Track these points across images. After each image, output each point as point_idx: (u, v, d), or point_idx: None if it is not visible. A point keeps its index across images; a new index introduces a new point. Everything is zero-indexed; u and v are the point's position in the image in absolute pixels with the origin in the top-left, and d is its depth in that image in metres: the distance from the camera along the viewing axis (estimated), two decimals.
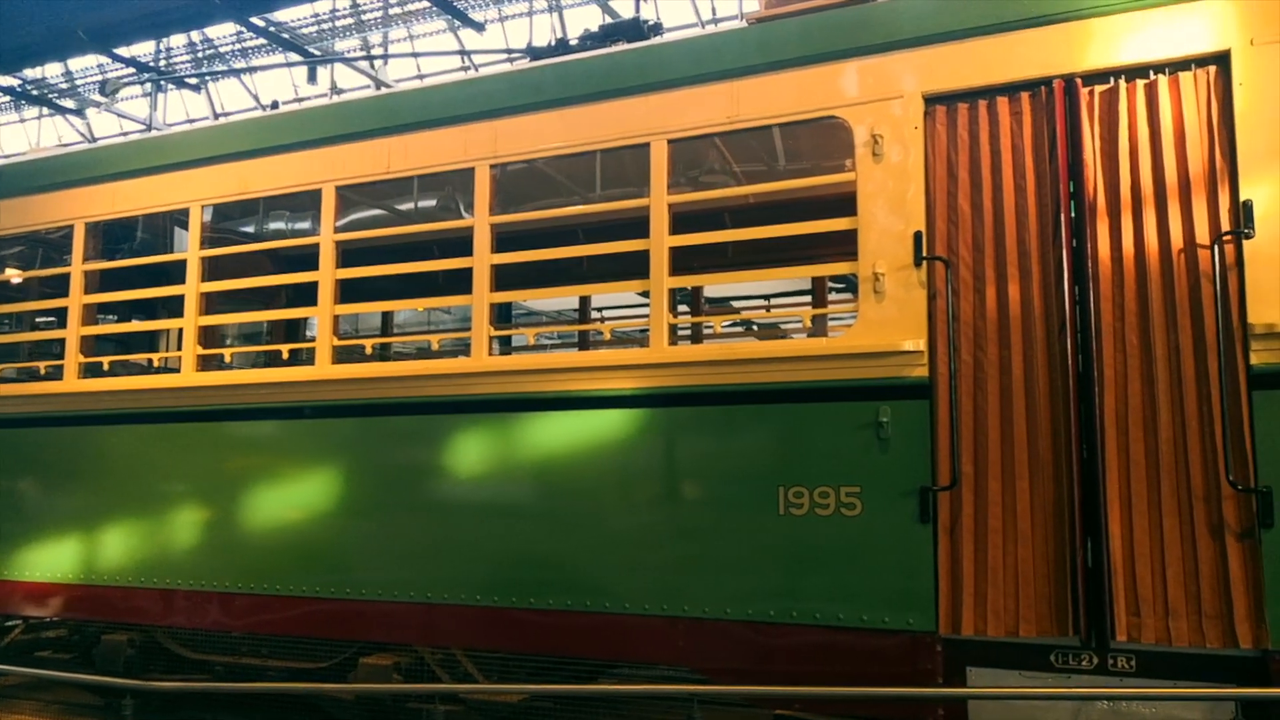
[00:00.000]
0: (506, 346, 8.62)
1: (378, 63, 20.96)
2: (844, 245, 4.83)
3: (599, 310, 11.32)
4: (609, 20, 6.61)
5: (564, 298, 10.78)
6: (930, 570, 4.40)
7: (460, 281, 5.56)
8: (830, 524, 4.58)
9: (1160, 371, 4.18)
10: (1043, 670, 4.28)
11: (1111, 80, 4.42)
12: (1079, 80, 4.44)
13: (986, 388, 4.43)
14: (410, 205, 7.25)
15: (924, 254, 4.55)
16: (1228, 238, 4.11)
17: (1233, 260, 4.10)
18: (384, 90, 16.28)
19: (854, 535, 4.54)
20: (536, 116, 5.51)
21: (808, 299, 8.29)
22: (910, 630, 4.42)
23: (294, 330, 8.44)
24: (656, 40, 5.92)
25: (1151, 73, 4.36)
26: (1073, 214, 4.39)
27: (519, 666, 5.37)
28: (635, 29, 6.10)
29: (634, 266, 5.22)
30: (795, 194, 5.68)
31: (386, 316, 8.92)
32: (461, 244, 5.58)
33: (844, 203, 4.80)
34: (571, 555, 5.13)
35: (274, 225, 7.90)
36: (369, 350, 6.37)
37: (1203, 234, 4.17)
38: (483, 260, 5.47)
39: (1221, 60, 4.22)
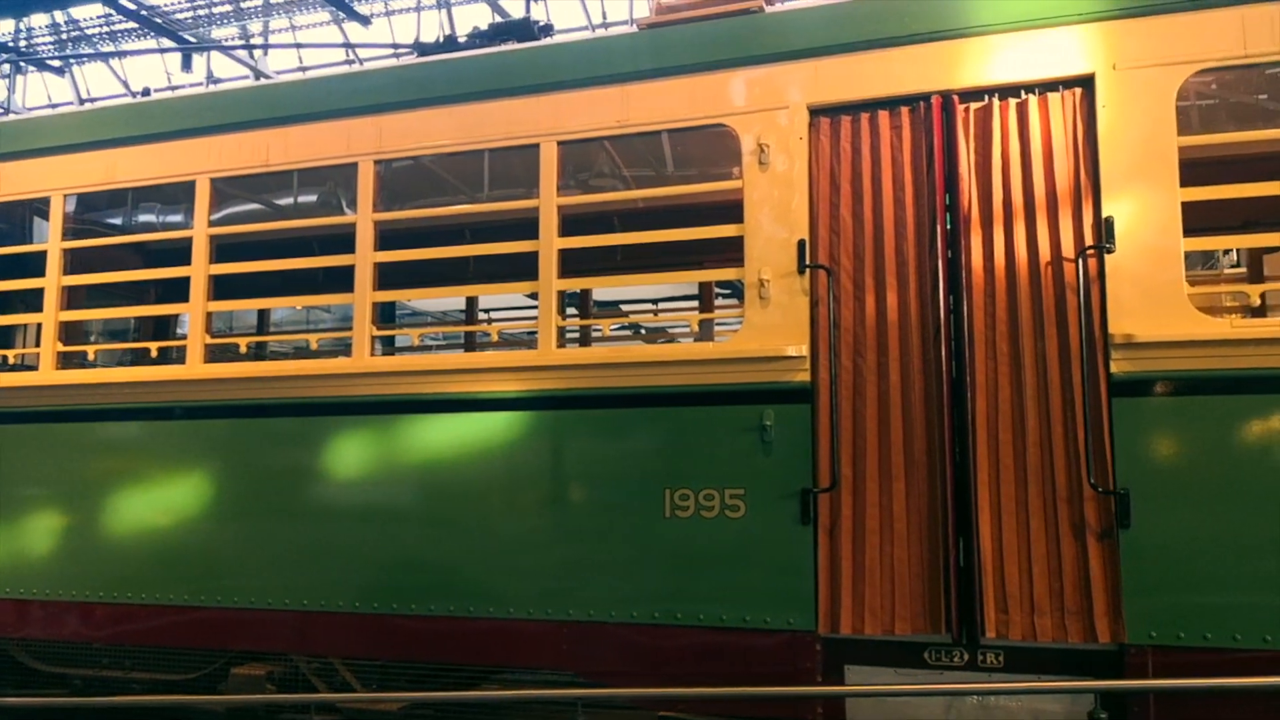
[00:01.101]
0: (390, 347, 8.43)
1: (258, 53, 20.29)
2: (731, 251, 4.90)
3: (486, 312, 11.20)
4: (499, 19, 6.53)
5: (450, 298, 10.63)
6: (810, 570, 4.49)
7: (341, 279, 5.42)
8: (715, 526, 4.63)
9: (1028, 378, 4.36)
10: (917, 667, 4.41)
11: (986, 98, 4.60)
12: (956, 97, 4.60)
13: (865, 392, 4.55)
14: (290, 200, 7.03)
15: (807, 262, 4.65)
16: (1091, 252, 4.32)
17: (1095, 273, 4.31)
18: (264, 81, 15.75)
19: (738, 537, 4.60)
20: (424, 113, 5.42)
21: (695, 304, 8.38)
22: (791, 630, 4.50)
23: (164, 328, 8.08)
24: (547, 41, 5.89)
25: (1023, 92, 4.55)
26: (948, 226, 4.55)
27: (399, 674, 5.26)
28: (525, 29, 6.05)
29: (523, 268, 5.18)
30: (684, 199, 5.74)
31: (263, 315, 8.62)
32: (343, 241, 5.44)
33: (731, 209, 4.86)
34: (455, 560, 5.06)
35: (144, 218, 7.55)
36: (244, 349, 6.14)
37: (1068, 248, 4.37)
38: (365, 258, 5.35)
39: (1087, 83, 4.44)
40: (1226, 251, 8.48)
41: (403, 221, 5.97)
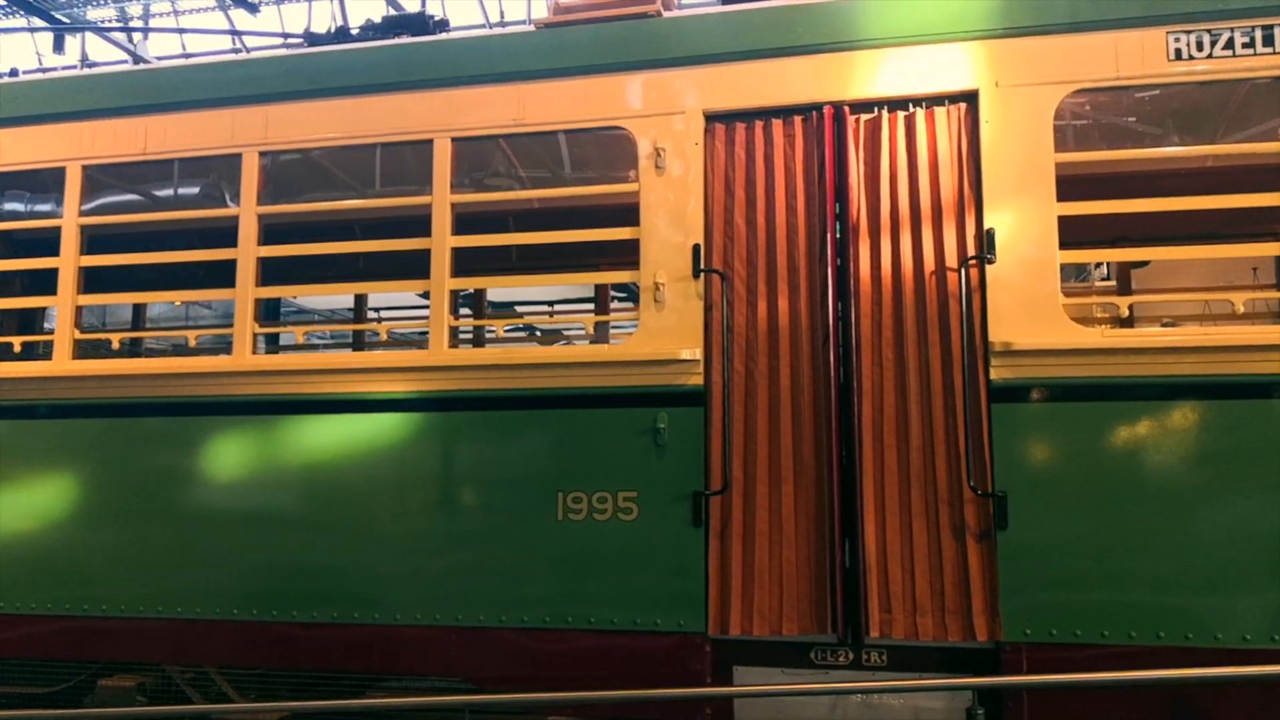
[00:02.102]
0: (273, 345, 8.17)
1: (137, 36, 19.43)
2: (627, 254, 4.90)
3: (376, 310, 10.98)
4: (393, 12, 6.40)
5: (338, 296, 10.38)
6: (701, 573, 4.52)
7: (223, 274, 5.23)
8: (607, 529, 4.62)
9: (912, 384, 4.48)
10: (804, 667, 4.48)
11: (875, 110, 4.71)
12: (846, 108, 4.70)
13: (757, 396, 4.60)
14: (169, 191, 6.74)
15: (702, 266, 4.68)
16: (973, 262, 4.46)
17: (977, 283, 4.46)
18: (143, 66, 15.11)
19: (630, 539, 4.60)
20: (313, 105, 5.27)
21: (591, 306, 8.37)
22: (681, 632, 4.52)
23: (30, 321, 7.65)
24: (443, 36, 5.79)
25: (911, 106, 4.68)
26: (838, 234, 4.64)
27: (280, 683, 5.08)
28: (420, 23, 5.94)
29: (414, 266, 5.08)
30: (581, 201, 5.71)
31: (138, 309, 8.25)
32: (226, 234, 5.25)
33: (627, 212, 4.87)
34: (340, 565, 4.92)
35: (10, 205, 7.13)
36: (116, 345, 5.87)
37: (951, 258, 4.51)
38: (248, 252, 5.17)
39: (971, 98, 4.59)
40: (1098, 265, 8.90)
41: (289, 216, 5.79)
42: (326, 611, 4.87)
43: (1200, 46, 4.40)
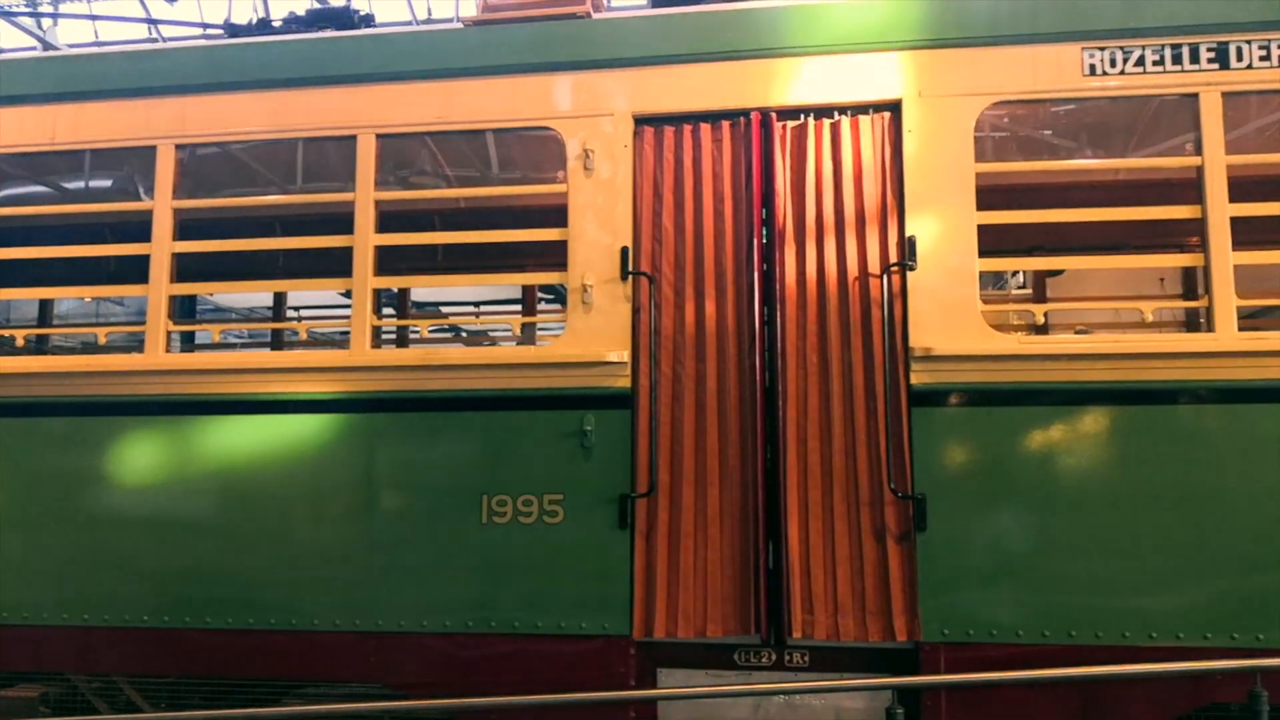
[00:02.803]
0: (188, 344, 7.94)
1: (46, 22, 18.73)
2: (555, 255, 4.87)
3: (296, 309, 10.75)
4: (317, 5, 6.28)
5: (257, 293, 10.13)
6: (626, 576, 4.51)
7: (136, 270, 5.06)
8: (532, 532, 4.59)
9: (835, 387, 4.54)
10: (728, 669, 4.51)
11: (802, 117, 4.76)
12: (774, 114, 4.75)
13: (683, 399, 4.62)
14: (80, 183, 6.51)
15: (630, 268, 4.68)
16: (895, 269, 4.54)
17: (898, 289, 4.53)
18: (52, 53, 14.58)
19: (555, 543, 4.57)
20: (233, 97, 5.14)
21: (518, 307, 8.31)
22: (606, 635, 4.51)
23: None
24: (369, 31, 5.69)
25: (836, 113, 4.74)
26: (764, 239, 4.68)
27: (192, 692, 4.94)
28: (345, 18, 5.83)
29: (336, 264, 4.98)
30: (508, 201, 5.67)
31: (46, 305, 7.94)
32: (139, 229, 5.08)
33: (556, 214, 4.84)
34: (256, 570, 4.79)
35: None
36: (20, 342, 5.64)
37: (874, 264, 4.58)
38: (162, 248, 5.02)
39: (895, 108, 4.67)
40: (1014, 273, 9.15)
41: (206, 211, 5.63)
42: (242, 618, 4.74)
43: (1113, 63, 4.54)
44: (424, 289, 11.69)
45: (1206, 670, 4.01)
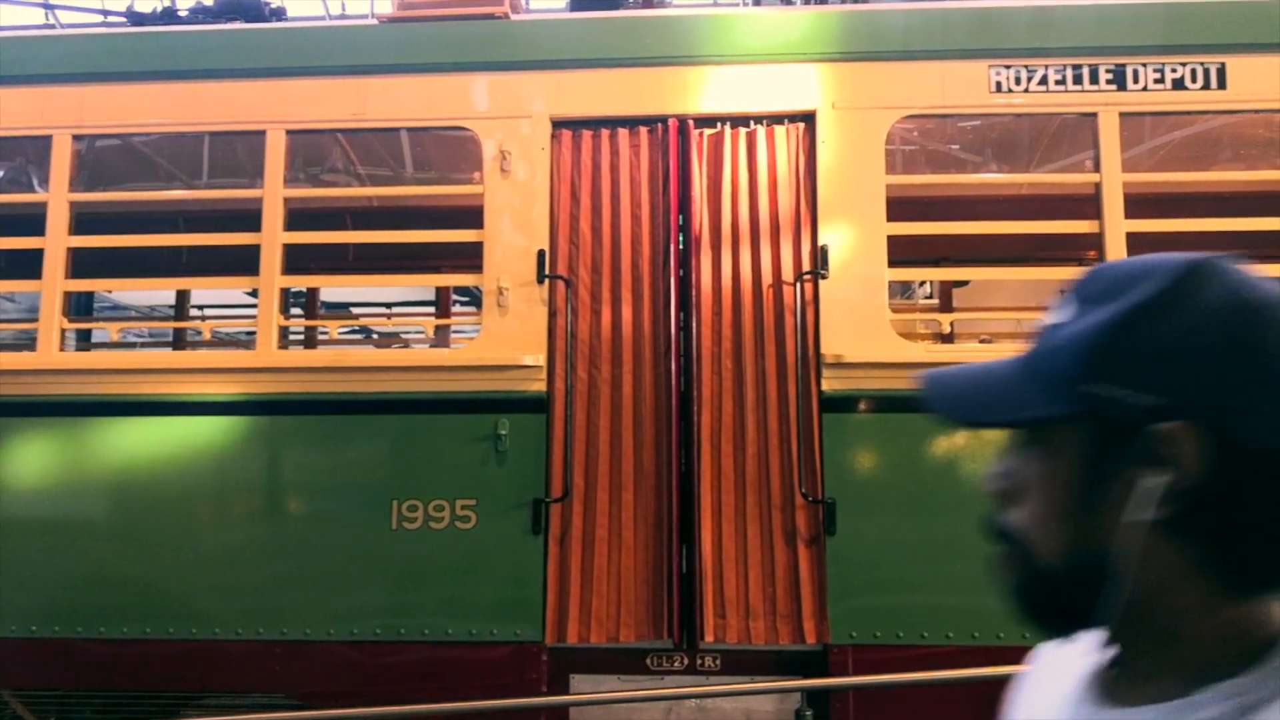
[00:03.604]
0: (85, 342, 7.64)
1: None
2: (470, 257, 4.82)
3: (200, 308, 10.45)
4: None
5: (159, 291, 9.81)
6: (540, 581, 4.48)
7: (28, 265, 4.84)
8: (444, 538, 4.52)
9: (749, 393, 4.58)
10: (640, 674, 4.51)
11: (718, 125, 4.80)
12: (691, 121, 4.78)
13: (599, 403, 4.61)
14: None
15: (546, 272, 4.66)
16: (808, 277, 4.61)
17: (811, 297, 4.60)
18: None
19: (467, 548, 4.51)
20: (136, 88, 4.95)
21: (432, 309, 8.20)
22: (518, 641, 4.47)
23: None
24: (281, 25, 5.56)
25: (752, 123, 4.80)
26: (681, 245, 4.71)
27: (84, 704, 4.73)
28: (255, 10, 5.69)
29: (242, 262, 4.85)
30: (423, 201, 5.60)
31: None
32: (33, 222, 4.86)
33: (471, 215, 4.79)
34: (153, 577, 4.62)
35: None
36: None
37: (788, 272, 4.64)
38: (57, 242, 4.81)
39: (809, 119, 4.74)
40: (922, 283, 9.38)
41: (105, 204, 5.42)
42: (138, 627, 4.57)
43: (1019, 81, 4.69)
44: (334, 289, 11.47)
45: None
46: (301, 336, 7.38)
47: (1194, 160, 5.64)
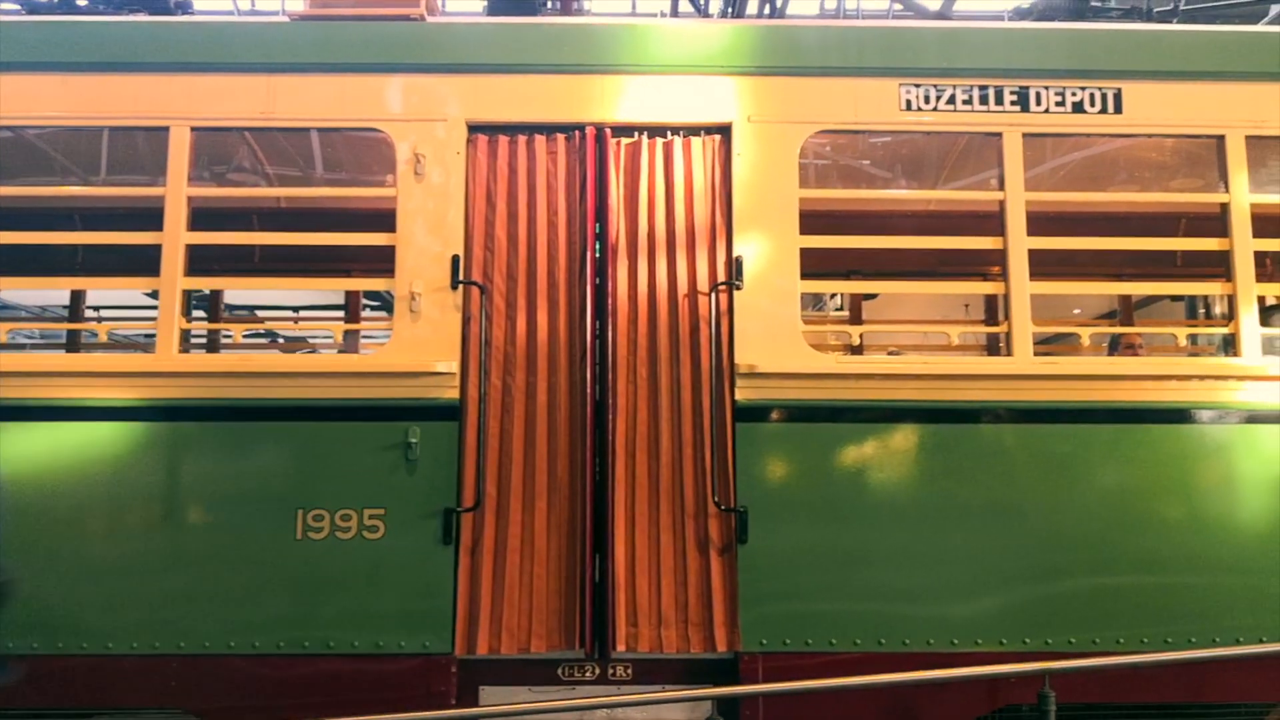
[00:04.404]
0: None
1: None
2: (381, 261, 4.73)
3: (95, 309, 10.07)
4: None
5: (51, 290, 9.41)
6: (450, 592, 4.41)
7: None
8: (351, 548, 4.42)
9: (664, 402, 4.59)
10: (551, 684, 4.47)
11: (636, 135, 4.81)
12: (608, 130, 4.78)
13: (513, 411, 4.57)
14: None
15: (460, 278, 4.60)
16: (723, 288, 4.64)
17: (725, 308, 4.64)
18: None
19: (375, 559, 4.42)
20: (30, 78, 4.74)
21: (341, 313, 8.03)
22: (426, 653, 4.39)
23: None
24: (188, 18, 5.39)
25: (669, 133, 4.82)
26: (597, 253, 4.70)
27: None
28: (160, 2, 5.50)
29: (142, 262, 4.67)
30: (333, 203, 5.48)
31: None
32: None
33: (383, 218, 4.71)
34: (43, 590, 4.40)
35: None
36: None
37: (703, 282, 4.67)
38: None
39: (725, 131, 4.79)
40: (833, 296, 9.55)
41: None
42: (25, 642, 4.35)
43: (928, 100, 4.81)
44: (239, 291, 11.17)
45: (1001, 674, 4.26)
46: (204, 340, 7.16)
47: (1092, 181, 5.86)
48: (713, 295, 4.63)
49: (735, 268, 4.63)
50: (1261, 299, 4.81)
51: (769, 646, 4.42)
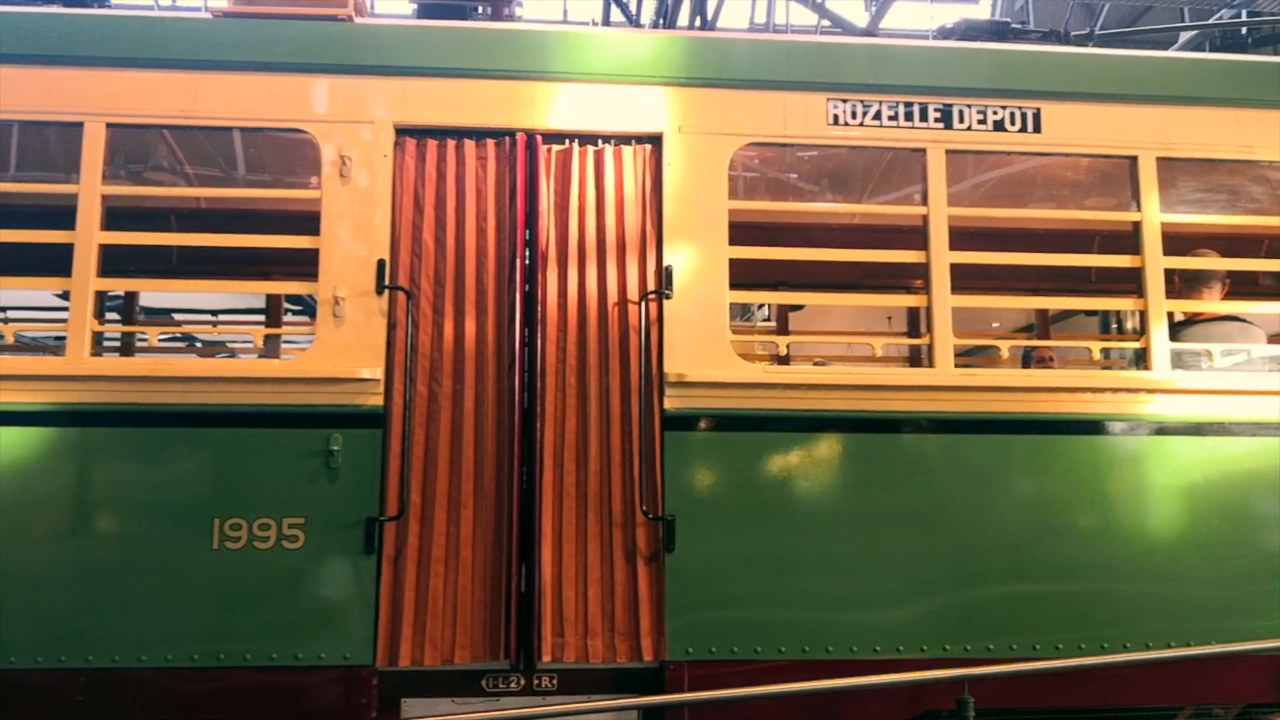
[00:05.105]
0: None
1: None
2: (304, 265, 4.64)
3: (2, 309, 9.73)
4: None
5: None
6: (372, 603, 4.33)
7: None
8: (270, 558, 4.31)
9: (593, 410, 4.58)
10: (475, 695, 4.41)
11: (567, 142, 4.80)
12: (539, 137, 4.76)
13: (439, 419, 4.51)
14: None
15: (386, 282, 4.53)
16: (652, 297, 4.65)
17: (655, 316, 4.65)
18: None
19: (294, 569, 4.32)
20: None
21: (262, 317, 7.85)
22: (347, 665, 4.30)
23: None
24: (104, 11, 5.22)
25: (600, 142, 4.82)
26: (527, 260, 4.67)
27: None
28: None
29: (53, 262, 4.51)
30: (256, 205, 5.36)
31: None
32: None
33: (307, 221, 4.61)
34: None
35: None
36: None
37: (633, 291, 4.67)
38: None
39: (656, 141, 4.80)
40: (760, 306, 9.65)
41: None
42: None
43: (854, 115, 4.89)
44: (155, 294, 10.86)
45: (922, 680, 4.33)
46: (118, 343, 6.93)
47: (1012, 198, 6.02)
48: (642, 304, 4.63)
49: (665, 277, 4.64)
50: (1171, 315, 4.99)
51: (695, 655, 4.43)
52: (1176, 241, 5.03)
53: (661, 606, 4.44)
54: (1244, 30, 11.84)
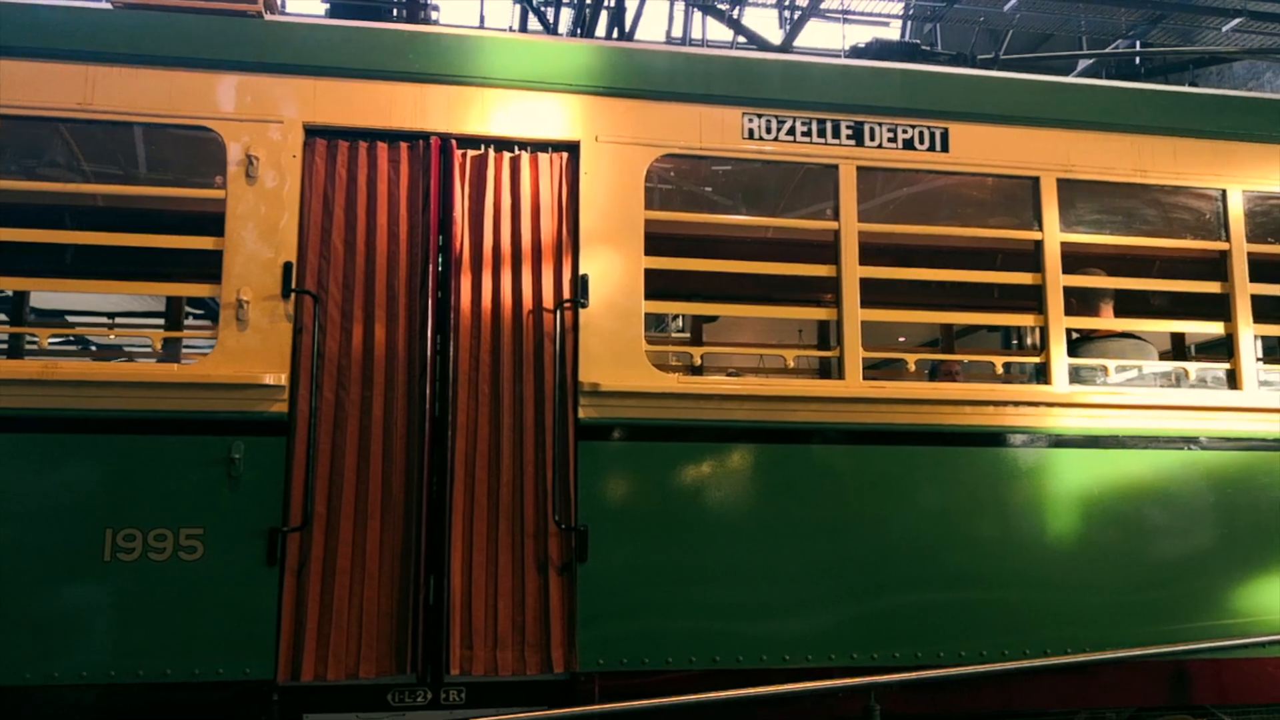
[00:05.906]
0: None
1: None
2: (207, 266, 4.49)
3: None
4: None
5: None
6: (274, 615, 4.20)
7: None
8: (165, 570, 4.14)
9: (506, 419, 4.52)
10: (380, 710, 4.31)
11: (483, 147, 4.75)
12: (454, 141, 4.70)
13: (346, 427, 4.40)
14: None
15: (293, 286, 4.41)
16: (567, 305, 4.62)
17: (570, 325, 4.62)
18: None
19: (191, 582, 4.16)
20: None
21: (161, 320, 7.58)
22: (246, 680, 4.16)
23: None
24: None
25: (517, 148, 4.78)
26: (440, 266, 4.60)
27: None
28: None
29: None
30: (156, 203, 5.16)
31: None
32: None
33: (210, 221, 4.47)
34: None
35: None
36: None
37: (548, 299, 4.64)
38: None
39: (573, 149, 4.78)
40: (675, 317, 9.69)
41: None
42: None
43: (769, 129, 4.95)
44: (47, 294, 10.40)
45: (829, 689, 4.38)
46: (5, 344, 6.61)
47: (919, 215, 6.16)
48: (558, 312, 4.60)
49: (580, 286, 4.62)
50: (1069, 331, 5.16)
51: (606, 666, 4.40)
52: (1075, 261, 5.21)
53: (573, 617, 4.40)
54: (1138, 60, 12.38)
